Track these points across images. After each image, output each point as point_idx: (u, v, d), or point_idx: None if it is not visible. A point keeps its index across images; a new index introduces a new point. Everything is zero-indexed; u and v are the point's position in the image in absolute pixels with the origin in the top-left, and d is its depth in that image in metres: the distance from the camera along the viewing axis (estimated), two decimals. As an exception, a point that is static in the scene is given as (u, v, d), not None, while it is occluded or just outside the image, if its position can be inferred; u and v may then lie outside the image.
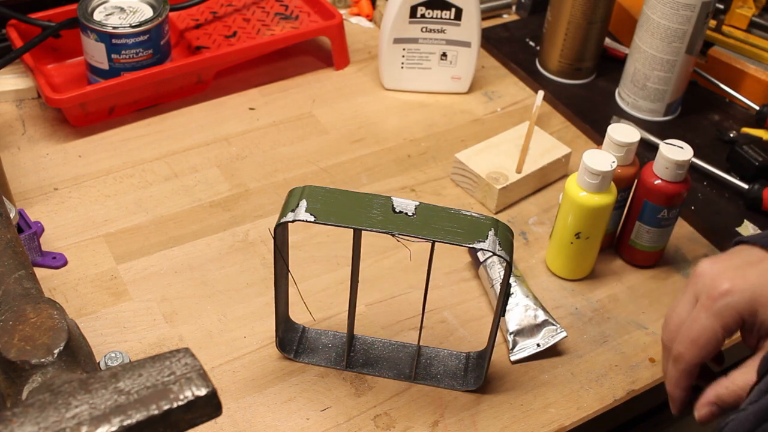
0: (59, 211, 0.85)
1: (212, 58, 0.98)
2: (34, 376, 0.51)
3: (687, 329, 0.58)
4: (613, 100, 1.05)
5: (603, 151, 0.78)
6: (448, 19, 0.99)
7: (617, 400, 0.73)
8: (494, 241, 0.62)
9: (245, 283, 0.80)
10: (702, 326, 0.57)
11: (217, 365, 0.73)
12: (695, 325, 0.58)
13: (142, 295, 0.78)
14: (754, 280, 0.55)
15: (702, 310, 0.57)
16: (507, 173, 0.89)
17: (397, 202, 0.64)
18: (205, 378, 0.46)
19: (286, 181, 0.91)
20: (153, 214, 0.86)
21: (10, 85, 0.97)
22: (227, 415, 0.69)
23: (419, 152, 0.97)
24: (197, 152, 0.94)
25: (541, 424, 0.71)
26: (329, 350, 0.74)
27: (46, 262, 0.80)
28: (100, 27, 0.92)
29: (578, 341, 0.77)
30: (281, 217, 0.64)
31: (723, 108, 1.04)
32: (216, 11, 1.08)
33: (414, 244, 0.68)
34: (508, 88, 1.07)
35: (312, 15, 1.07)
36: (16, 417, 0.43)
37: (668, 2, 0.92)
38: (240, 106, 1.00)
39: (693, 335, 0.58)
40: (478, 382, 0.72)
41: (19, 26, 0.98)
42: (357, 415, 0.70)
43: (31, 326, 0.53)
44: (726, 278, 0.56)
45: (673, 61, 0.96)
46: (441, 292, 0.81)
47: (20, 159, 0.91)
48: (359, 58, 1.09)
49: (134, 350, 0.73)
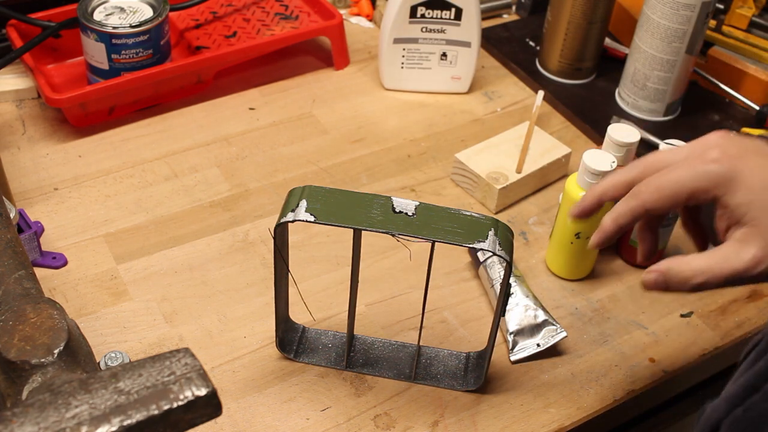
0: (59, 211, 0.85)
1: (212, 58, 0.98)
2: (34, 376, 0.51)
3: (659, 175, 0.57)
4: (613, 100, 1.05)
5: (603, 151, 0.78)
6: (448, 19, 0.99)
7: (617, 400, 0.73)
8: (494, 241, 0.62)
9: (245, 283, 0.80)
10: (674, 178, 0.56)
11: (217, 365, 0.73)
12: (669, 175, 0.56)
13: (142, 295, 0.78)
14: (748, 163, 0.54)
15: (683, 165, 0.56)
16: (507, 173, 0.89)
17: (397, 202, 0.64)
18: (205, 378, 0.46)
19: (286, 181, 0.91)
20: (153, 214, 0.86)
21: (10, 85, 0.97)
22: (227, 415, 0.69)
23: (419, 152, 0.97)
24: (197, 152, 0.94)
25: (541, 424, 0.71)
26: (329, 350, 0.74)
27: (46, 262, 0.80)
28: (100, 27, 0.92)
29: (578, 341, 0.77)
30: (281, 217, 0.64)
31: (723, 108, 1.04)
32: (216, 11, 1.08)
33: (414, 244, 0.68)
34: (508, 88, 1.07)
35: (312, 15, 1.07)
36: (16, 417, 0.43)
37: (668, 2, 0.92)
38: (240, 106, 1.00)
39: (662, 182, 0.56)
40: (478, 382, 0.72)
41: (19, 26, 0.98)
42: (357, 415, 0.70)
43: (31, 326, 0.53)
44: (724, 150, 0.55)
45: (673, 61, 0.96)
46: (441, 292, 0.81)
47: (20, 159, 0.91)
48: (359, 58, 1.09)
49: (134, 350, 0.73)
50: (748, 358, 0.50)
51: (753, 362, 0.49)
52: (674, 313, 0.81)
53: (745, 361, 0.50)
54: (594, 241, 0.61)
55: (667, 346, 0.78)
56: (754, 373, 0.48)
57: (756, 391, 0.47)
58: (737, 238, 0.54)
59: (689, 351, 0.78)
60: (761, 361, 0.48)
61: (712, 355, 0.78)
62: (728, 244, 0.54)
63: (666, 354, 0.77)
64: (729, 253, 0.53)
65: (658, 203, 0.56)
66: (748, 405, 0.47)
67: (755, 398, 0.47)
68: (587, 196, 0.61)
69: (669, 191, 0.55)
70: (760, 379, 0.47)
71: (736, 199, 0.53)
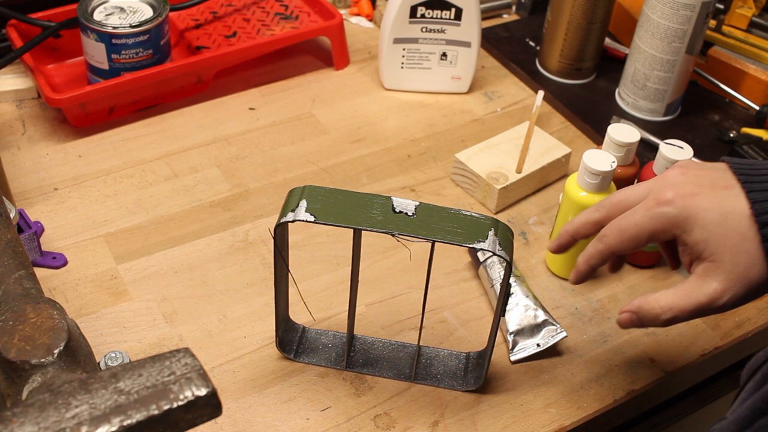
0: (59, 211, 0.85)
1: (212, 58, 0.98)
2: (34, 376, 0.51)
3: (621, 218, 0.61)
4: (613, 100, 1.05)
5: (603, 151, 0.78)
6: (448, 19, 0.99)
7: (617, 400, 0.73)
8: (494, 241, 0.62)
9: (245, 283, 0.80)
10: (634, 221, 0.59)
11: (217, 365, 0.73)
12: (629, 218, 0.60)
13: (142, 295, 0.78)
14: (701, 202, 0.57)
15: (642, 208, 0.59)
16: (507, 173, 0.89)
17: (397, 202, 0.64)
18: (205, 378, 0.46)
19: (286, 181, 0.91)
20: (153, 214, 0.86)
21: (10, 85, 0.97)
22: (227, 415, 0.69)
23: (419, 152, 0.97)
24: (197, 152, 0.94)
25: (541, 424, 0.71)
26: (329, 350, 0.74)
27: (46, 262, 0.80)
28: (100, 27, 0.92)
29: (578, 341, 0.77)
30: (281, 217, 0.64)
31: (723, 108, 1.04)
32: (216, 11, 1.08)
33: (414, 244, 0.68)
34: (508, 88, 1.07)
35: (312, 15, 1.07)
36: (16, 417, 0.43)
37: (668, 2, 0.92)
38: (240, 106, 1.00)
39: (623, 225, 0.60)
40: (478, 382, 0.72)
41: (19, 26, 0.98)
42: (357, 415, 0.70)
43: (31, 326, 0.53)
44: (678, 190, 0.58)
45: (673, 61, 0.96)
46: (441, 292, 0.81)
47: (20, 159, 0.91)
48: (359, 58, 1.09)
49: (134, 350, 0.73)
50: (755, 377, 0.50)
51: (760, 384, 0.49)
52: (674, 313, 0.81)
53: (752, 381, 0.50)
54: (572, 279, 0.66)
55: (667, 346, 0.78)
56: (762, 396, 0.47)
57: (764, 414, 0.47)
58: (699, 273, 0.57)
59: (689, 351, 0.78)
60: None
61: (712, 355, 0.78)
62: (691, 280, 0.58)
63: (666, 354, 0.77)
64: (692, 289, 0.57)
65: (622, 245, 0.61)
66: (756, 428, 0.47)
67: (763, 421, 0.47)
68: (562, 235, 0.66)
69: (630, 234, 0.60)
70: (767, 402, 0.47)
71: (693, 238, 0.57)
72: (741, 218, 0.56)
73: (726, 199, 0.57)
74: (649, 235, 0.59)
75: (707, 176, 0.59)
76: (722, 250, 0.56)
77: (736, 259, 0.56)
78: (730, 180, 0.58)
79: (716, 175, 0.59)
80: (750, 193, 0.57)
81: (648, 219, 0.59)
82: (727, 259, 0.56)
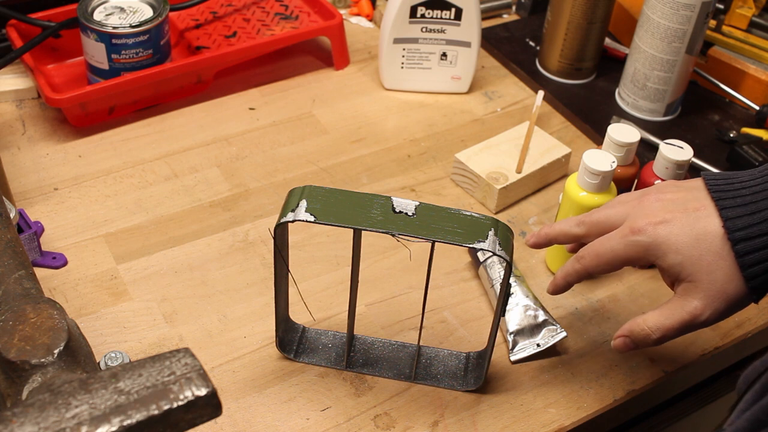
0: (59, 211, 0.85)
1: (212, 58, 0.98)
2: (34, 376, 0.51)
3: (599, 242, 0.64)
4: (613, 100, 1.05)
5: (603, 151, 0.78)
6: (448, 19, 0.99)
7: (617, 400, 0.73)
8: (494, 241, 0.62)
9: (245, 283, 0.80)
10: (610, 248, 0.63)
11: (217, 365, 0.73)
12: (606, 243, 0.63)
13: (142, 295, 0.78)
14: (672, 228, 0.60)
15: (617, 235, 0.63)
16: (507, 173, 0.89)
17: (397, 202, 0.64)
18: (205, 378, 0.46)
19: (286, 181, 0.91)
20: (153, 214, 0.86)
21: (10, 85, 0.97)
22: (227, 415, 0.69)
23: (419, 152, 0.97)
24: (197, 152, 0.94)
25: (541, 424, 0.71)
26: (329, 350, 0.74)
27: (46, 262, 0.80)
28: (100, 27, 0.92)
29: (578, 341, 0.77)
30: (281, 217, 0.64)
31: (723, 108, 1.04)
32: (216, 11, 1.08)
33: (414, 244, 0.68)
34: (508, 88, 1.07)
35: (312, 15, 1.07)
36: (16, 417, 0.43)
37: (668, 2, 0.92)
38: (240, 106, 1.00)
39: (599, 251, 0.63)
40: (478, 382, 0.72)
41: (19, 26, 0.98)
42: (357, 415, 0.70)
43: (31, 326, 0.53)
44: (651, 218, 0.61)
45: (673, 61, 0.96)
46: (441, 292, 0.81)
47: (20, 159, 0.91)
48: (359, 58, 1.09)
49: (134, 350, 0.73)
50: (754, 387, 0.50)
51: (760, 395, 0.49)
52: (674, 313, 0.81)
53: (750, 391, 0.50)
54: (549, 290, 0.70)
55: (667, 346, 0.78)
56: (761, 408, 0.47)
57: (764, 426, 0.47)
58: (680, 293, 0.61)
59: (689, 351, 0.78)
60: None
61: (712, 355, 0.78)
62: (674, 299, 0.61)
63: (666, 354, 0.77)
64: (675, 308, 0.61)
65: (598, 268, 0.64)
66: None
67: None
68: (541, 236, 0.70)
69: (605, 259, 0.63)
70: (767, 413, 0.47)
71: (668, 262, 0.60)
72: (714, 238, 0.59)
73: (698, 220, 0.60)
74: (624, 261, 0.63)
75: (681, 199, 0.62)
76: (698, 269, 0.59)
77: (712, 277, 0.59)
78: (704, 200, 0.61)
79: (690, 196, 0.62)
80: (722, 210, 0.59)
81: (623, 246, 0.62)
82: (704, 278, 0.59)
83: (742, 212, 0.59)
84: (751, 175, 0.61)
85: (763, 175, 0.60)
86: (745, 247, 0.58)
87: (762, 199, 0.59)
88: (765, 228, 0.58)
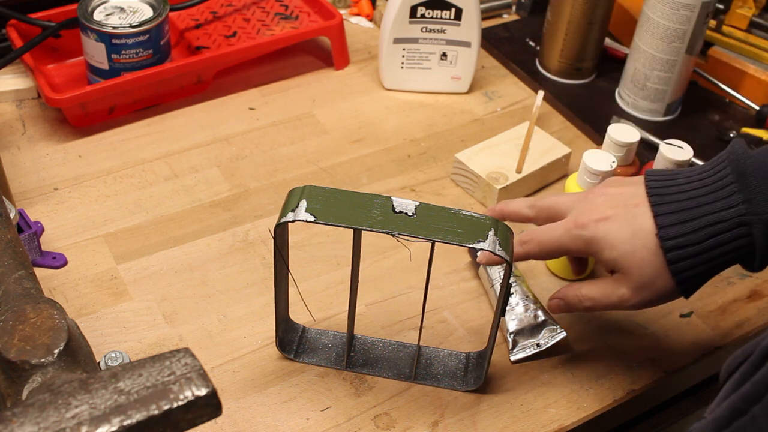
0: (59, 211, 0.85)
1: (212, 58, 0.98)
2: (34, 376, 0.51)
3: (543, 231, 0.68)
4: (613, 100, 1.05)
5: (603, 151, 0.78)
6: (448, 19, 0.99)
7: (617, 400, 0.73)
8: (494, 241, 0.62)
9: (245, 283, 0.80)
10: (553, 238, 0.67)
11: (217, 365, 0.73)
12: (550, 233, 0.68)
13: (142, 295, 0.78)
14: (612, 225, 0.64)
15: (561, 227, 0.67)
16: (507, 173, 0.89)
17: (397, 202, 0.64)
18: (205, 378, 0.46)
19: (286, 181, 0.91)
20: (153, 214, 0.86)
21: (10, 85, 0.97)
22: (227, 415, 0.69)
23: (419, 152, 0.97)
24: (197, 152, 0.94)
25: (541, 424, 0.71)
26: (329, 350, 0.74)
27: (46, 262, 0.80)
28: (100, 27, 0.92)
29: (578, 341, 0.77)
30: (281, 217, 0.64)
31: (723, 108, 1.04)
32: (216, 11, 1.08)
33: (414, 244, 0.68)
34: (508, 88, 1.07)
35: (312, 15, 1.07)
36: (16, 417, 0.43)
37: (668, 2, 0.92)
38: (240, 106, 1.00)
39: (543, 240, 0.68)
40: (478, 382, 0.72)
41: (19, 26, 0.98)
42: (357, 415, 0.70)
43: (31, 326, 0.53)
44: (595, 215, 0.65)
45: (673, 61, 0.96)
46: (441, 292, 0.81)
47: (20, 159, 0.91)
48: (359, 58, 1.09)
49: (134, 350, 0.73)
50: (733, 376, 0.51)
51: (739, 384, 0.49)
52: (674, 313, 0.81)
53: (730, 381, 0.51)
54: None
55: (667, 346, 0.78)
56: (741, 396, 0.48)
57: (743, 414, 0.47)
58: (614, 278, 0.66)
59: (689, 351, 0.78)
60: (747, 383, 0.48)
61: (712, 355, 0.78)
62: (609, 281, 0.67)
63: (666, 354, 0.77)
64: (607, 289, 0.66)
65: (540, 255, 0.69)
66: (735, 428, 0.48)
67: (742, 421, 0.47)
68: (496, 210, 0.73)
69: (548, 248, 0.68)
70: (746, 402, 0.47)
71: (605, 257, 0.65)
72: (647, 235, 0.63)
73: (635, 217, 0.64)
74: (565, 251, 0.68)
75: (623, 195, 0.66)
76: (631, 264, 0.64)
77: (642, 272, 0.64)
78: (643, 197, 0.65)
79: (631, 191, 0.66)
80: (657, 217, 0.63)
81: (566, 239, 0.67)
82: (635, 272, 0.64)
83: (676, 219, 0.63)
84: (688, 178, 0.64)
85: (701, 179, 0.64)
86: (676, 255, 0.63)
87: (696, 206, 0.62)
88: (695, 238, 0.62)
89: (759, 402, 0.46)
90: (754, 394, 0.47)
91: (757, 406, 0.46)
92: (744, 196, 0.61)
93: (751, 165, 0.61)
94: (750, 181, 0.61)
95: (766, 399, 0.46)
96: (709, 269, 0.63)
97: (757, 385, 0.47)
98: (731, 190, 0.61)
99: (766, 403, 0.46)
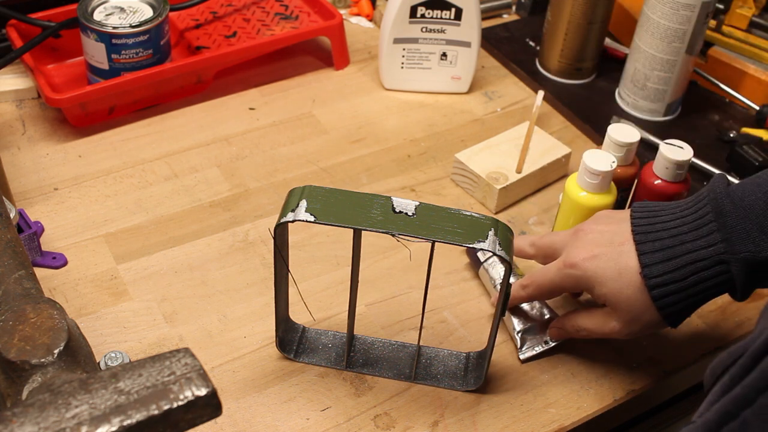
0: (59, 211, 0.85)
1: (212, 58, 0.98)
2: (34, 376, 0.51)
3: (539, 273, 0.72)
4: (613, 100, 1.05)
5: (603, 151, 0.78)
6: (448, 19, 0.99)
7: (617, 400, 0.73)
8: (494, 241, 0.62)
9: (245, 283, 0.80)
10: (549, 278, 0.71)
11: (217, 365, 0.73)
12: (546, 274, 0.72)
13: (142, 295, 0.78)
14: (599, 263, 0.68)
15: (554, 267, 0.71)
16: (507, 173, 0.89)
17: (397, 202, 0.64)
18: (205, 378, 0.46)
19: (286, 181, 0.91)
20: (153, 214, 0.86)
21: (10, 85, 0.97)
22: (227, 415, 0.69)
23: (419, 152, 0.97)
24: (197, 152, 0.94)
25: (541, 424, 0.71)
26: (329, 350, 0.74)
27: (46, 262, 0.80)
28: (100, 27, 0.92)
29: (578, 341, 0.77)
30: (281, 217, 0.64)
31: (723, 108, 1.04)
32: (216, 11, 1.08)
33: (414, 244, 0.68)
34: (508, 88, 1.07)
35: (312, 15, 1.07)
36: (16, 417, 0.43)
37: (668, 2, 0.92)
38: (240, 106, 1.00)
39: (540, 280, 0.72)
40: (478, 382, 0.72)
41: (19, 26, 0.98)
42: (357, 415, 0.70)
43: (31, 326, 0.53)
44: (583, 254, 0.69)
45: (673, 61, 0.96)
46: (441, 292, 0.81)
47: (20, 159, 0.91)
48: (359, 58, 1.09)
49: (134, 350, 0.73)
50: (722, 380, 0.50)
51: (728, 387, 0.49)
52: (674, 313, 0.81)
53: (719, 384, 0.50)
54: None
55: (667, 346, 0.78)
56: (731, 400, 0.48)
57: (733, 419, 0.47)
58: (606, 312, 0.70)
59: (689, 351, 0.78)
60: (738, 387, 0.48)
61: (712, 355, 0.78)
62: (601, 314, 0.71)
63: (666, 354, 0.77)
64: (600, 321, 0.71)
65: (540, 296, 0.74)
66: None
67: (733, 425, 0.47)
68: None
69: (546, 288, 0.72)
70: (737, 406, 0.47)
71: (596, 293, 0.69)
72: (633, 273, 0.66)
73: (621, 255, 0.67)
74: (561, 290, 0.73)
75: (610, 233, 0.69)
76: (619, 300, 0.68)
77: (630, 308, 0.68)
78: (628, 234, 0.68)
79: (618, 229, 0.69)
80: (641, 256, 0.66)
81: (560, 278, 0.70)
82: (624, 308, 0.68)
83: (659, 258, 0.65)
84: (672, 215, 0.67)
85: (683, 215, 0.66)
86: (660, 292, 0.66)
87: (678, 244, 0.65)
88: (678, 275, 0.65)
89: (750, 406, 0.46)
90: (744, 398, 0.47)
91: (748, 410, 0.46)
92: (722, 235, 0.64)
93: (729, 204, 0.64)
94: (727, 221, 0.63)
95: (757, 403, 0.46)
96: (694, 303, 0.67)
97: (747, 389, 0.47)
98: (710, 229, 0.64)
99: (757, 407, 0.45)
